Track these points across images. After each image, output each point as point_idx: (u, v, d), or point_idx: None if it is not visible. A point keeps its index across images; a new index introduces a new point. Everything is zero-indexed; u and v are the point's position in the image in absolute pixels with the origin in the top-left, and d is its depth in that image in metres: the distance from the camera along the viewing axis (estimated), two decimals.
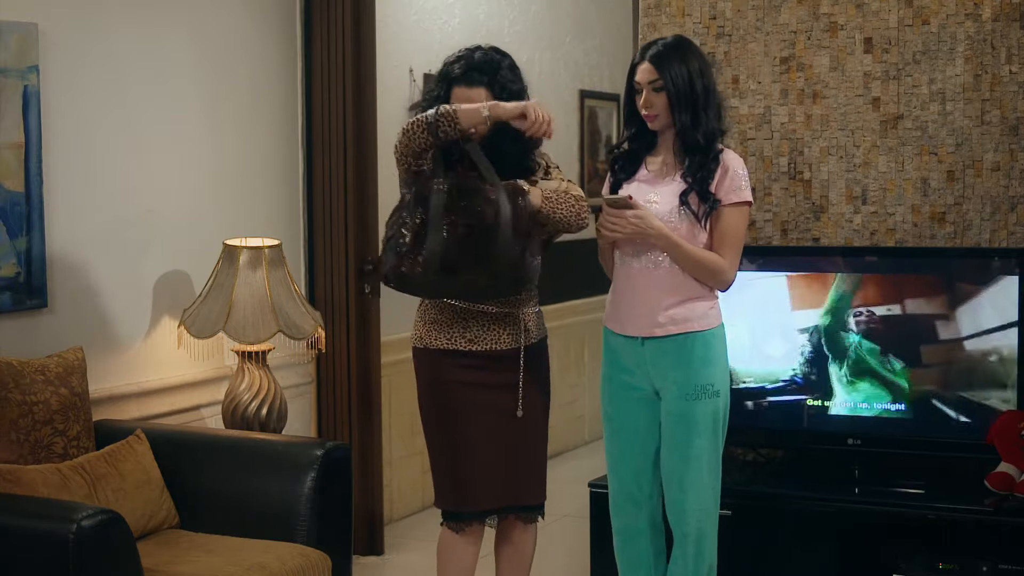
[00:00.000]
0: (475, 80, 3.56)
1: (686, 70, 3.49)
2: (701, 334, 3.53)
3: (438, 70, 3.66)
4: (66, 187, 4.08)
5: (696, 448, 3.53)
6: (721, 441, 3.60)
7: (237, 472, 3.91)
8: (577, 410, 7.10)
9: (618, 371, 3.65)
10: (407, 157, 3.49)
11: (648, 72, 3.52)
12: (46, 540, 3.13)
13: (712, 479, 3.57)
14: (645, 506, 3.67)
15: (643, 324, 3.56)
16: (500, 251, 3.40)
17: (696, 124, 3.50)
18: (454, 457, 3.61)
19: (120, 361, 4.31)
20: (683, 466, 3.54)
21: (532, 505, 3.74)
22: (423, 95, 3.71)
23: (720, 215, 3.53)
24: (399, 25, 5.64)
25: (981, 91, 4.25)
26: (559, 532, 5.13)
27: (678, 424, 3.54)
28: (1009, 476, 3.95)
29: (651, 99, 3.52)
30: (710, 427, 3.54)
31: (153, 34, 4.40)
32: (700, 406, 3.52)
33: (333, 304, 5.02)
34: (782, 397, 4.23)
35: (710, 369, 3.53)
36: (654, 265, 3.54)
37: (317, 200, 5.03)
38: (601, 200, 3.54)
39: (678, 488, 3.56)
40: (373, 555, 5.11)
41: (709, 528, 3.58)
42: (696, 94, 3.50)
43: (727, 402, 3.58)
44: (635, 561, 3.71)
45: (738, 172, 3.54)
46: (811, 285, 4.20)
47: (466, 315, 3.59)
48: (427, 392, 3.66)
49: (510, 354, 3.63)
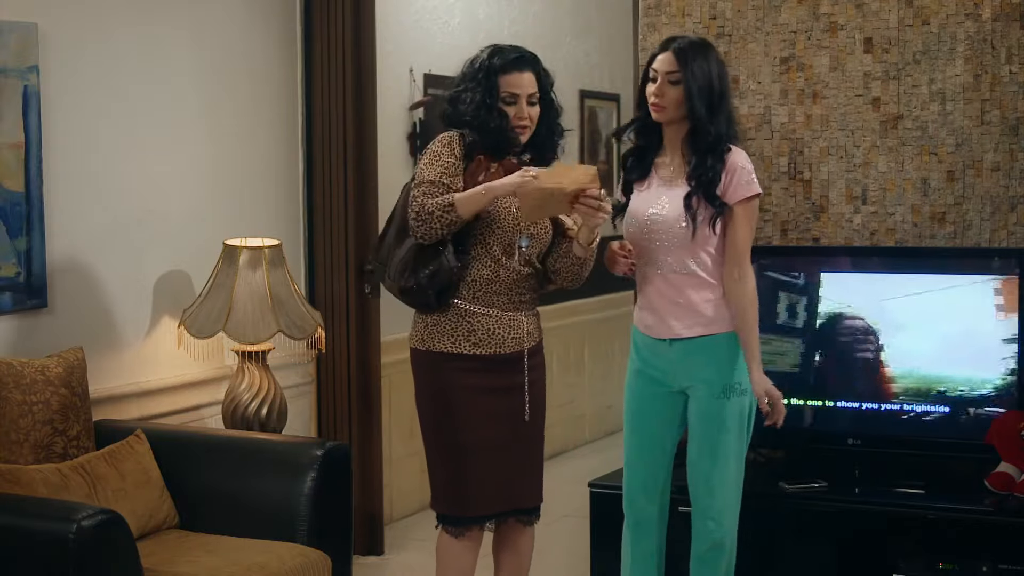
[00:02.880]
0: (526, 65, 3.63)
1: (707, 68, 3.53)
2: (726, 335, 3.57)
3: (472, 65, 3.64)
4: (66, 187, 4.08)
5: (724, 445, 3.58)
6: (747, 440, 3.63)
7: (237, 472, 3.91)
8: (577, 410, 7.09)
9: (646, 367, 3.68)
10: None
11: (668, 63, 3.54)
12: (46, 540, 3.13)
13: (737, 476, 3.62)
14: (657, 500, 3.72)
15: (671, 326, 3.59)
16: (395, 258, 3.59)
17: (712, 119, 3.52)
18: (456, 462, 3.60)
19: (120, 361, 4.31)
20: (711, 463, 3.58)
21: (531, 507, 3.75)
22: (457, 89, 3.67)
23: (733, 217, 3.55)
24: (399, 25, 5.64)
25: (981, 91, 4.25)
26: (559, 532, 5.13)
27: (708, 422, 3.58)
28: (1009, 476, 3.95)
29: (664, 89, 3.54)
30: (736, 424, 3.59)
31: (153, 34, 4.40)
32: (729, 404, 3.56)
33: (333, 304, 5.01)
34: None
35: (738, 368, 3.57)
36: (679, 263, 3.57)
37: (317, 200, 5.03)
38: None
39: (704, 485, 3.60)
40: (373, 555, 5.11)
41: (731, 525, 3.63)
42: (714, 93, 3.53)
43: (753, 401, 3.60)
44: (646, 553, 3.73)
45: (745, 167, 3.57)
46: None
47: (470, 317, 3.59)
48: (428, 395, 3.65)
49: (514, 357, 3.64)
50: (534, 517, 3.76)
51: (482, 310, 3.59)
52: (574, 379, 7.08)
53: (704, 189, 3.52)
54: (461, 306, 3.58)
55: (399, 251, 3.59)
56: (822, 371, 4.22)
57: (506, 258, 3.59)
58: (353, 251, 4.97)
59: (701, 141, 3.53)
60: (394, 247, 3.62)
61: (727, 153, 3.55)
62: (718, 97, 3.54)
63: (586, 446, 7.12)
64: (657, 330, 3.63)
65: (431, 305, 3.57)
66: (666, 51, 3.57)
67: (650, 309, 3.64)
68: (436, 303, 3.56)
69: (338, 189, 4.99)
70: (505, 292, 3.61)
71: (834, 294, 4.19)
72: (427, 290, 3.54)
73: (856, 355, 4.17)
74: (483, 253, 3.58)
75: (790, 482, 4.14)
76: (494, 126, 3.57)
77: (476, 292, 3.58)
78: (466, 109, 3.59)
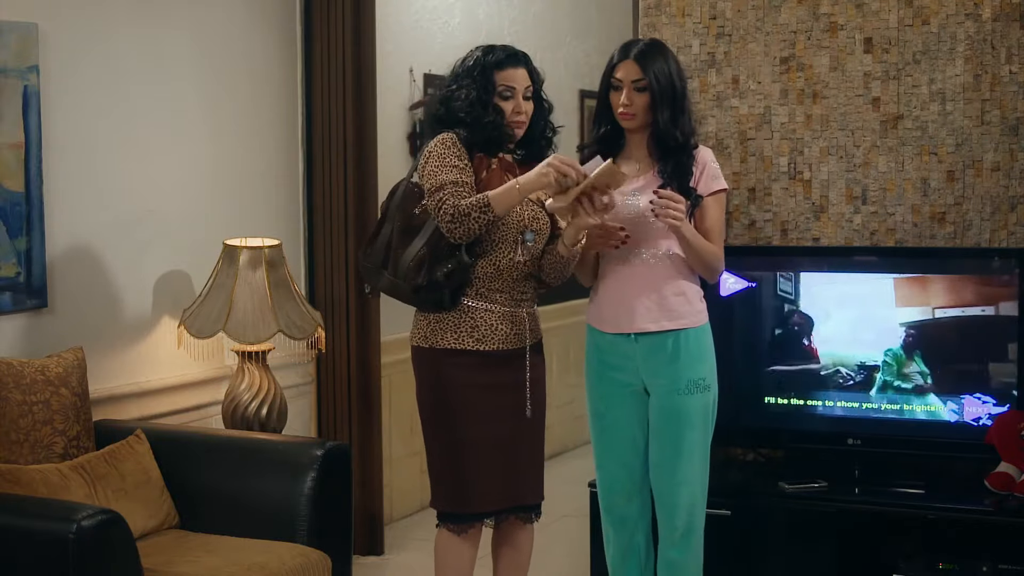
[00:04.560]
0: (519, 62, 3.65)
1: (667, 69, 3.55)
2: (694, 330, 3.58)
3: (464, 64, 3.65)
4: (66, 187, 4.08)
5: (688, 442, 3.57)
6: (710, 435, 3.63)
7: (237, 472, 3.91)
8: (577, 410, 7.06)
9: (607, 368, 3.67)
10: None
11: (632, 70, 3.55)
12: (46, 540, 3.13)
13: (703, 473, 3.62)
14: (636, 498, 3.70)
15: (637, 320, 3.58)
16: (404, 256, 3.56)
17: (675, 123, 3.55)
18: (458, 459, 3.60)
19: (120, 361, 4.31)
20: (675, 460, 3.57)
21: (532, 505, 3.75)
22: (449, 88, 3.67)
23: (705, 208, 3.59)
24: (399, 25, 5.64)
25: (981, 91, 4.25)
26: (559, 532, 5.13)
27: (670, 419, 3.57)
28: (1009, 476, 3.95)
29: (632, 97, 3.55)
30: (700, 421, 3.58)
31: (153, 34, 4.40)
32: (692, 400, 3.56)
33: (333, 304, 5.02)
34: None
35: (702, 364, 3.59)
36: (653, 260, 3.57)
37: (317, 200, 5.03)
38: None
39: (669, 482, 3.59)
40: (373, 555, 5.11)
41: (699, 521, 3.62)
42: (676, 93, 3.55)
43: (716, 397, 3.62)
44: (626, 552, 3.73)
45: (713, 164, 3.64)
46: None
47: (474, 314, 3.59)
48: (430, 392, 3.65)
49: (517, 353, 3.64)
50: (535, 515, 3.76)
51: (485, 306, 3.59)
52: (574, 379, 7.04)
53: (678, 182, 3.55)
54: (465, 303, 3.59)
55: (406, 251, 3.58)
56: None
57: (511, 253, 3.59)
58: (353, 251, 4.97)
59: (669, 142, 3.56)
60: (398, 247, 3.61)
61: (695, 149, 3.61)
62: (681, 97, 3.57)
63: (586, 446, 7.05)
64: (620, 325, 3.60)
65: (443, 304, 3.57)
66: (627, 59, 3.56)
67: (614, 303, 3.61)
68: (450, 302, 3.57)
69: (338, 189, 4.99)
70: (507, 289, 3.62)
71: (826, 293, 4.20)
72: (443, 288, 3.54)
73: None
74: (488, 250, 3.58)
75: (790, 482, 4.14)
76: (488, 121, 3.58)
77: (479, 289, 3.59)
78: (460, 106, 3.59)
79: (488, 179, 3.58)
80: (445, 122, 3.64)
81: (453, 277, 3.53)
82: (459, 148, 3.58)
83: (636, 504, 3.70)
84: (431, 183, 3.54)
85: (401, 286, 3.61)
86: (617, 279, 3.62)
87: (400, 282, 3.60)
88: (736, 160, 4.49)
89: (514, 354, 3.64)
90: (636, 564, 3.73)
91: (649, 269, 3.58)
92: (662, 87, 3.52)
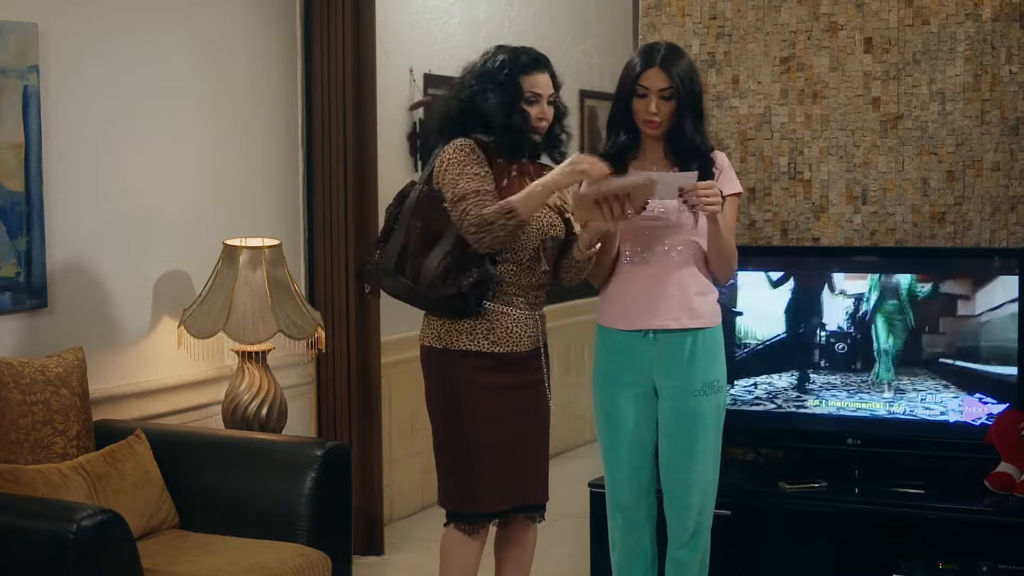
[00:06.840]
0: (544, 66, 3.66)
1: (690, 75, 3.54)
2: (711, 330, 3.59)
3: (486, 67, 3.61)
4: (66, 187, 4.08)
5: (702, 443, 3.57)
6: (721, 436, 3.63)
7: (237, 472, 3.91)
8: (577, 410, 7.09)
9: (618, 369, 3.66)
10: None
11: (659, 79, 3.50)
12: (46, 540, 3.13)
13: (714, 474, 3.62)
14: (644, 500, 3.70)
15: (657, 317, 3.57)
16: (427, 265, 3.51)
17: (697, 127, 3.55)
18: (470, 459, 3.60)
19: (120, 361, 4.31)
20: (689, 461, 3.57)
21: (537, 504, 3.75)
22: (473, 89, 3.63)
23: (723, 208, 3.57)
24: (399, 25, 5.64)
25: (981, 91, 4.24)
26: (559, 532, 5.12)
27: (683, 420, 3.57)
28: (1009, 476, 3.95)
29: (659, 106, 3.52)
30: (714, 422, 3.59)
31: (153, 34, 4.40)
32: (706, 402, 3.56)
33: (333, 304, 5.01)
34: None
35: (716, 365, 3.59)
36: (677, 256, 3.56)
37: (317, 200, 5.03)
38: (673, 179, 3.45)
39: (683, 483, 3.59)
40: (373, 555, 5.11)
41: (707, 521, 3.63)
42: (696, 98, 3.55)
43: (726, 398, 3.63)
44: (633, 555, 3.72)
45: (729, 167, 3.65)
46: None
47: (490, 316, 3.58)
48: (442, 393, 3.63)
49: (531, 355, 3.65)
50: (540, 514, 3.77)
51: (503, 309, 3.59)
52: (574, 379, 7.07)
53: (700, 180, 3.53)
54: (486, 303, 3.58)
55: (428, 259, 3.53)
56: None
57: (532, 261, 3.59)
58: (353, 251, 4.97)
59: (688, 148, 3.55)
60: (417, 255, 3.56)
61: (712, 152, 3.61)
62: (700, 101, 3.57)
63: (586, 446, 7.11)
64: (638, 322, 3.59)
65: (467, 311, 3.55)
66: (653, 66, 3.51)
67: (632, 301, 3.60)
68: (474, 310, 3.55)
69: (338, 189, 4.99)
70: (524, 293, 3.63)
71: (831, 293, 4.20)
72: (468, 297, 3.52)
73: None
74: (507, 256, 3.58)
75: (790, 482, 4.14)
76: (516, 126, 3.57)
77: (499, 293, 3.58)
78: (490, 109, 3.56)
79: (509, 185, 3.57)
80: (459, 125, 3.62)
81: (479, 286, 3.52)
82: (477, 154, 3.56)
83: (643, 506, 3.70)
84: (452, 193, 3.51)
85: (422, 292, 3.56)
86: (635, 277, 3.61)
87: (424, 289, 3.55)
88: (736, 160, 4.49)
89: (528, 355, 3.65)
90: (643, 566, 3.73)
91: (669, 268, 3.57)
92: (687, 92, 3.50)
